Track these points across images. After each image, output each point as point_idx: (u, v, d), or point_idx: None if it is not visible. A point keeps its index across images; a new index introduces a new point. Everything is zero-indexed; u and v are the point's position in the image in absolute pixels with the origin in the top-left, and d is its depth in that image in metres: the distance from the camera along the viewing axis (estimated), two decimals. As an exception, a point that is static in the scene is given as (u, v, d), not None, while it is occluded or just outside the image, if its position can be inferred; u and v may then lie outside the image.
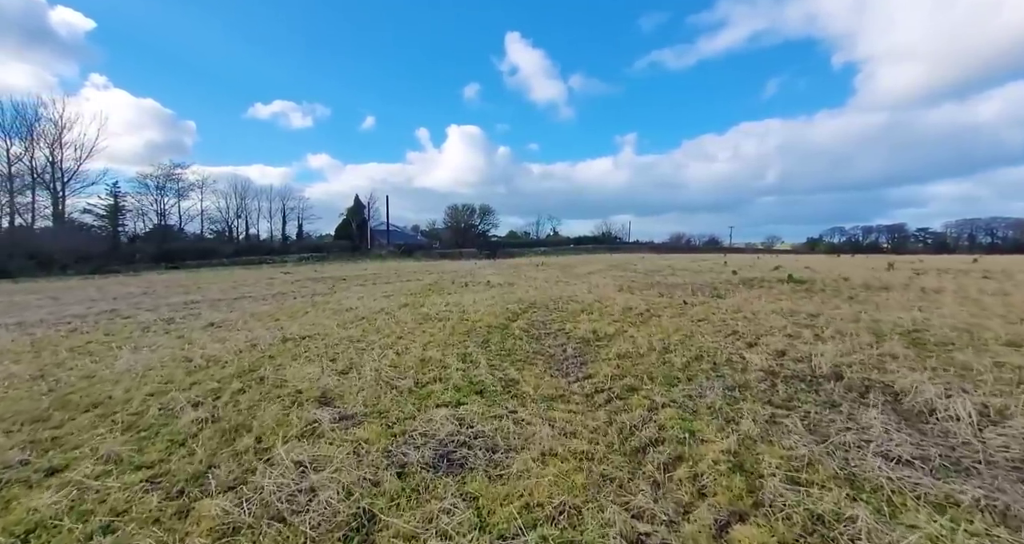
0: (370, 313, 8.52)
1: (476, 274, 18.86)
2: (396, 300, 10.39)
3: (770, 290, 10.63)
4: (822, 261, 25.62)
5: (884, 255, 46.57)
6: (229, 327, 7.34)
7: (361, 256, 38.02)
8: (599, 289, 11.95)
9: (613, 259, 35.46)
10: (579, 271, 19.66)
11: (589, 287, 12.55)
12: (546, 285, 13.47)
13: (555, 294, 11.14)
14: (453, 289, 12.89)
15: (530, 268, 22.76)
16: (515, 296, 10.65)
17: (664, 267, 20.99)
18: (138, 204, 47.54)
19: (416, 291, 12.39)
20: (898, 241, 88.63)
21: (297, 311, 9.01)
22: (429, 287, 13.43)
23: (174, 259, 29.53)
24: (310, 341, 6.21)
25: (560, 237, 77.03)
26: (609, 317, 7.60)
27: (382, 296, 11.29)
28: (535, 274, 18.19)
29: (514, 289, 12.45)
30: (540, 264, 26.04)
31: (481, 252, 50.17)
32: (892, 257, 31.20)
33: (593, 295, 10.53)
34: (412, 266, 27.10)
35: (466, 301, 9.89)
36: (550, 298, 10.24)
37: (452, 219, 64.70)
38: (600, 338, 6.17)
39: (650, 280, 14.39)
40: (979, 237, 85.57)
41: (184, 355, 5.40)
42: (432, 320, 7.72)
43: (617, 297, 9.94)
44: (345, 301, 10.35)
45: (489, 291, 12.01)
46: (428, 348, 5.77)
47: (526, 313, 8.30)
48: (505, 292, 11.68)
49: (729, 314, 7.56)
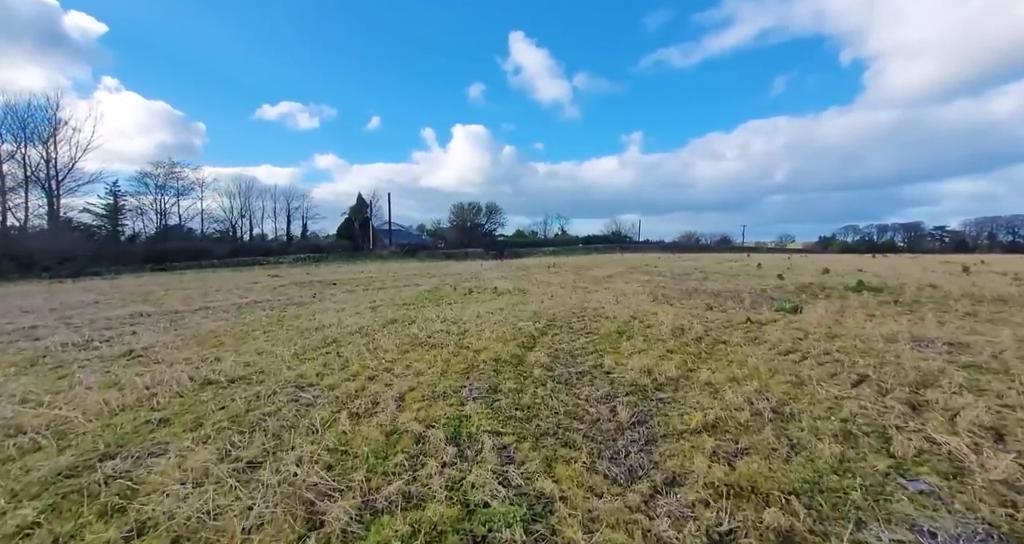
0: (344, 335, 6.61)
1: (482, 277, 16.92)
2: (383, 314, 8.48)
3: (845, 301, 8.55)
4: (871, 263, 23.29)
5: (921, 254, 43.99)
6: (148, 359, 5.47)
7: (362, 257, 36.26)
8: (629, 298, 9.95)
9: (627, 259, 33.36)
10: (596, 274, 17.64)
11: (615, 295, 10.55)
12: (563, 292, 11.49)
13: (576, 305, 9.16)
14: (454, 298, 10.96)
15: (541, 270, 20.78)
16: (528, 309, 8.68)
17: (690, 269, 18.90)
18: (138, 204, 46.46)
19: (410, 301, 10.47)
20: (914, 240, 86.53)
21: (253, 331, 7.12)
22: (427, 295, 11.51)
23: (165, 260, 27.96)
24: (237, 387, 4.30)
25: (568, 236, 74.91)
26: (659, 344, 5.61)
27: (368, 308, 9.38)
28: (547, 277, 16.20)
29: (526, 298, 10.48)
30: (551, 266, 24.03)
31: (487, 252, 48.23)
32: (942, 257, 28.76)
33: (625, 307, 8.53)
34: (413, 268, 25.25)
35: (468, 316, 7.95)
36: (572, 311, 8.26)
37: (457, 218, 62.83)
38: (661, 385, 4.19)
39: (684, 286, 12.33)
40: (999, 235, 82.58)
41: (9, 424, 3.50)
42: (421, 347, 5.79)
43: (657, 311, 7.93)
44: (321, 315, 8.46)
45: (496, 301, 10.06)
46: (405, 404, 3.83)
47: (545, 336, 6.34)
48: (516, 303, 9.72)
49: (824, 340, 5.53)
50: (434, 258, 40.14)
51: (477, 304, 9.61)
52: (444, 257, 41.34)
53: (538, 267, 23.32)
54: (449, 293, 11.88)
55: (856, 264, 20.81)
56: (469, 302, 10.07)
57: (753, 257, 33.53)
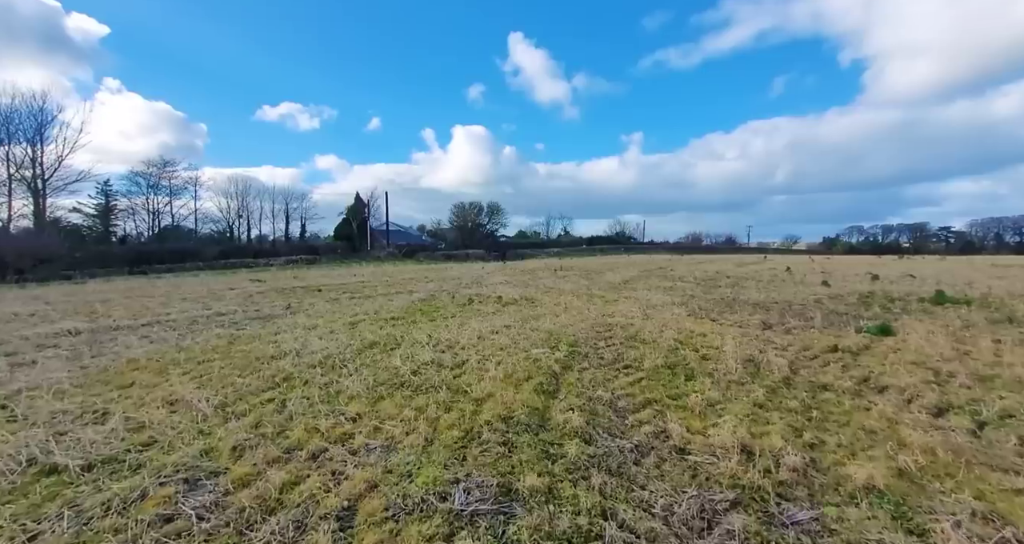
0: (302, 369, 4.98)
1: (484, 283, 15.29)
2: (362, 334, 6.85)
3: (938, 318, 6.88)
4: (910, 266, 21.59)
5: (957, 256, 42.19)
6: (6, 412, 3.84)
7: (358, 258, 34.66)
8: (660, 312, 8.30)
9: (637, 261, 31.71)
10: (610, 279, 16.00)
11: (642, 307, 8.91)
12: (578, 303, 9.85)
13: (598, 320, 7.53)
14: (452, 310, 9.32)
15: (547, 273, 19.15)
16: (541, 326, 7.05)
17: (712, 273, 17.26)
18: (130, 204, 45.02)
19: (399, 314, 8.84)
20: (919, 240, 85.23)
21: (186, 361, 5.51)
22: (420, 307, 9.88)
23: (150, 262, 26.40)
24: (96, 477, 2.67)
25: (572, 237, 73.27)
26: (738, 391, 3.96)
27: (347, 324, 7.76)
28: (557, 283, 14.56)
29: (536, 311, 8.84)
30: (558, 269, 22.38)
31: (489, 253, 46.58)
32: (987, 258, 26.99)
33: (660, 325, 6.89)
34: (410, 271, 23.63)
35: (467, 338, 6.31)
36: (595, 330, 6.63)
37: (459, 218, 61.18)
38: (785, 485, 2.54)
39: (716, 295, 10.68)
40: (1007, 236, 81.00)
41: None
42: (401, 391, 4.16)
43: (705, 331, 6.30)
44: (285, 335, 6.83)
45: (501, 315, 8.42)
46: (355, 528, 2.20)
47: (570, 371, 4.71)
48: (525, 317, 8.09)
49: (977, 384, 3.88)
50: (433, 260, 38.53)
51: (479, 319, 7.97)
52: (444, 259, 39.73)
53: (544, 270, 21.68)
54: (446, 304, 10.25)
55: (893, 267, 19.13)
56: (469, 316, 8.44)
57: (771, 259, 31.85)
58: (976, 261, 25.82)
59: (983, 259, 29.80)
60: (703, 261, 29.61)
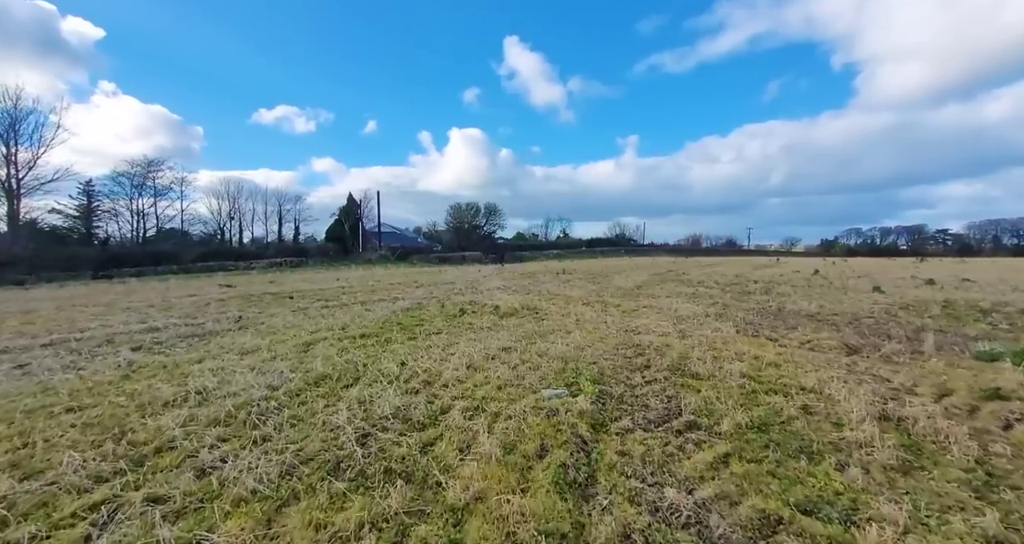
0: (192, 430, 3.27)
1: (480, 288, 13.57)
2: (313, 362, 5.12)
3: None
4: (951, 268, 20.00)
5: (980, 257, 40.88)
6: None
7: (348, 261, 32.85)
8: (698, 327, 6.62)
9: (643, 264, 30.05)
10: (620, 283, 14.29)
11: (672, 320, 7.23)
12: (592, 314, 8.16)
13: (623, 339, 5.84)
14: (439, 324, 7.60)
15: (549, 277, 17.44)
16: (552, 351, 5.34)
17: (732, 277, 15.60)
18: (113, 205, 43.15)
19: (373, 330, 7.12)
20: (917, 242, 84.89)
21: (20, 416, 3.77)
22: (400, 319, 8.17)
23: (122, 265, 24.55)
24: None
25: (571, 239, 71.63)
26: (908, 485, 2.26)
27: (298, 347, 6.03)
28: (562, 288, 12.86)
29: (543, 326, 7.13)
30: (561, 272, 20.69)
31: (486, 256, 44.85)
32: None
33: (708, 348, 5.20)
34: (401, 274, 21.89)
35: (452, 371, 4.59)
36: (625, 357, 4.94)
37: (455, 219, 59.42)
38: None
39: (754, 304, 9.01)
40: (1004, 238, 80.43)
41: None
42: (332, 481, 2.44)
43: (773, 358, 4.60)
44: (203, 366, 5.10)
45: (499, 332, 6.69)
46: None
47: (605, 435, 3.02)
48: (529, 336, 6.38)
49: None
50: (428, 263, 36.79)
51: (471, 336, 6.26)
52: (439, 261, 37.98)
53: (545, 273, 19.98)
54: (433, 315, 8.52)
55: (928, 271, 17.52)
56: (459, 332, 6.72)
57: (784, 261, 30.29)
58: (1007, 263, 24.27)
59: (1007, 261, 28.29)
60: (713, 264, 27.98)
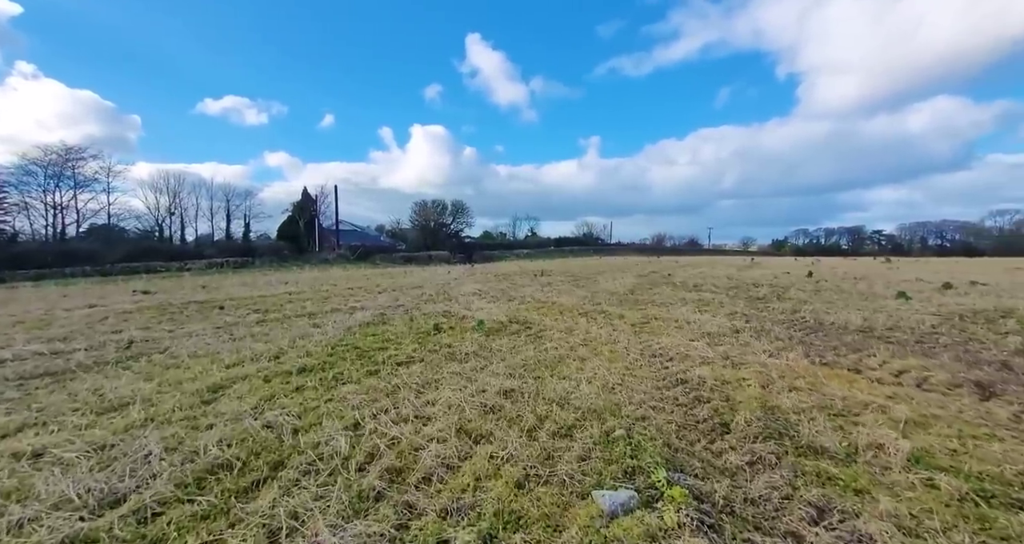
0: None
1: (453, 293, 11.76)
2: (207, 439, 3.24)
3: None
4: (935, 268, 19.98)
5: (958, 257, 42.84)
6: None
7: (302, 261, 29.91)
8: (742, 349, 5.20)
9: (617, 264, 29.08)
10: (608, 287, 12.88)
11: (705, 341, 5.79)
12: (598, 330, 6.62)
13: (660, 373, 4.30)
14: (407, 348, 5.80)
15: (527, 279, 15.85)
16: (578, 401, 3.72)
17: (725, 280, 14.59)
18: (22, 198, 37.66)
19: (315, 361, 5.24)
20: (857, 242, 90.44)
21: None
22: (356, 341, 6.30)
23: (21, 267, 20.75)
24: None
25: (540, 238, 70.60)
26: None
27: (196, 396, 4.11)
28: (547, 293, 11.28)
29: (545, 350, 5.49)
30: (539, 274, 19.16)
31: (454, 255, 42.79)
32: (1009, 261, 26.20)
33: (791, 395, 3.74)
34: (360, 277, 19.64)
35: (434, 453, 2.85)
36: (685, 412, 3.38)
37: (420, 217, 56.67)
38: None
39: (779, 314, 7.79)
40: (929, 239, 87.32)
41: None
42: None
43: (911, 411, 3.18)
44: (6, 450, 3.11)
45: (490, 361, 4.98)
46: None
47: None
48: (531, 367, 4.73)
49: None
50: (392, 263, 34.34)
51: (453, 370, 4.52)
52: (404, 261, 35.59)
53: (521, 275, 18.38)
54: (400, 333, 6.69)
55: (912, 271, 17.31)
56: (437, 361, 4.96)
57: (761, 262, 30.22)
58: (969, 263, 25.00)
59: (975, 261, 29.47)
60: (690, 264, 27.38)
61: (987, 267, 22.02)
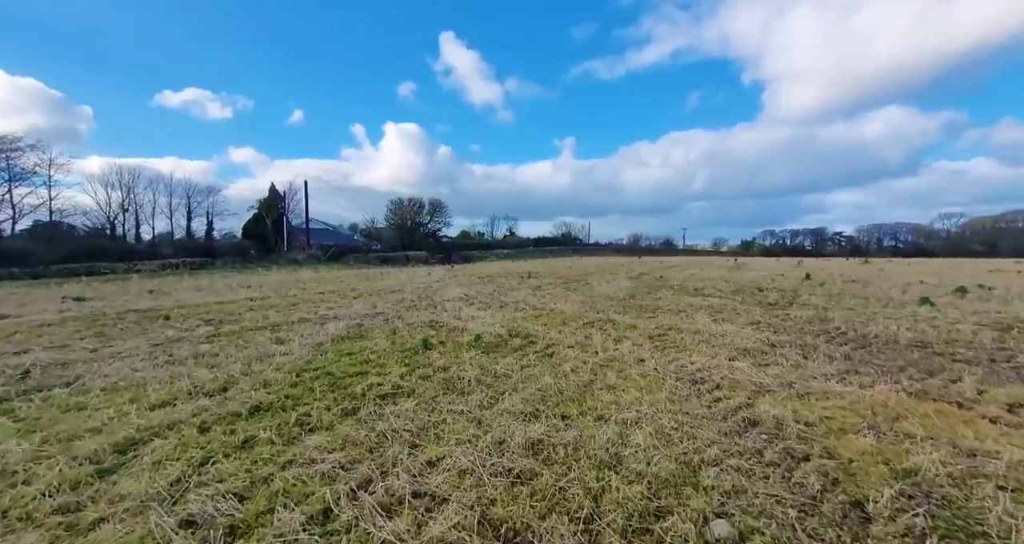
0: None
1: (437, 298, 10.63)
2: None
3: None
4: (931, 268, 20.05)
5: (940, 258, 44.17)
6: None
7: (268, 262, 27.93)
8: (797, 372, 4.35)
9: (604, 264, 28.44)
10: (603, 290, 12.03)
11: (749, 361, 4.93)
12: (620, 349, 5.68)
13: (725, 411, 3.33)
14: (393, 378, 4.70)
15: (515, 282, 14.85)
16: (636, 464, 2.72)
17: (722, 282, 14.00)
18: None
19: (276, 396, 4.09)
20: (820, 243, 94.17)
21: None
22: (327, 367, 5.16)
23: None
24: None
25: (519, 238, 69.85)
26: None
27: (91, 466, 2.91)
28: (541, 298, 10.30)
29: (567, 378, 4.50)
30: (526, 276, 18.19)
31: (432, 255, 41.36)
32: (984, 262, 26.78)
33: (908, 444, 2.87)
34: (332, 279, 18.18)
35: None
36: (790, 483, 2.40)
37: (396, 216, 54.75)
38: None
39: (809, 323, 7.06)
40: (885, 240, 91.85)
41: None
42: None
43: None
44: None
45: (504, 398, 3.95)
46: None
47: None
48: (557, 402, 3.73)
49: None
50: (367, 263, 32.68)
51: (455, 409, 3.47)
52: (379, 262, 33.96)
53: (508, 277, 17.36)
54: (382, 351, 5.55)
55: (905, 273, 17.24)
56: (431, 393, 3.89)
57: (746, 263, 30.21)
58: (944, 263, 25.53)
59: (948, 262, 30.33)
60: (675, 265, 27.00)
61: (972, 268, 22.46)
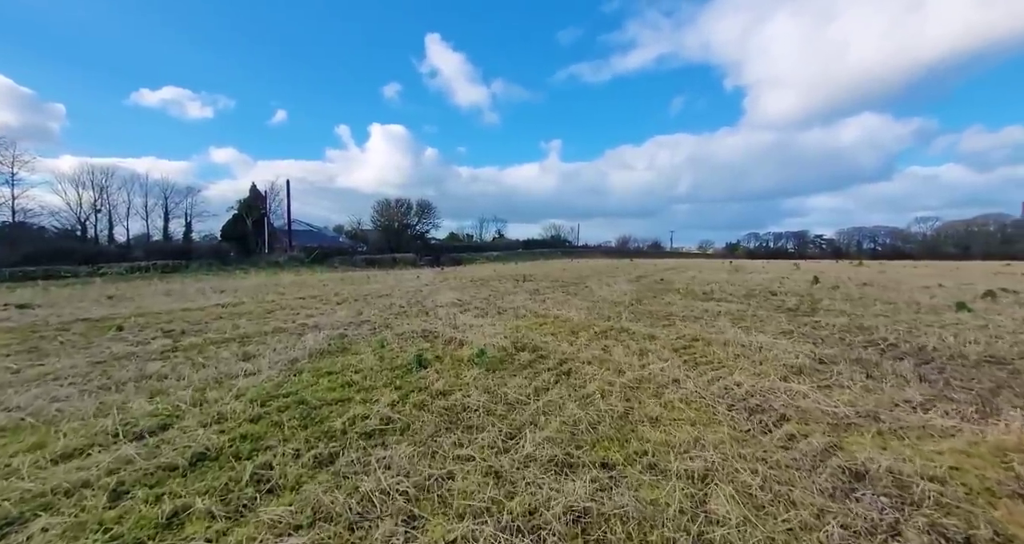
0: None
1: (428, 303, 9.74)
2: None
3: None
4: (928, 272, 19.75)
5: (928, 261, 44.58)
6: None
7: (248, 264, 26.57)
8: (869, 398, 3.60)
9: (597, 267, 27.79)
10: (604, 294, 11.27)
11: (810, 384, 4.19)
12: (648, 366, 4.91)
13: (812, 464, 2.50)
14: (381, 409, 3.83)
15: (509, 285, 14.03)
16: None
17: (728, 285, 13.39)
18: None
19: (233, 436, 3.20)
20: (801, 246, 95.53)
21: None
22: (301, 395, 4.27)
23: None
24: None
25: (509, 240, 68.89)
26: None
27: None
28: (543, 305, 9.50)
29: (594, 407, 3.67)
30: (521, 279, 17.37)
31: (420, 258, 40.24)
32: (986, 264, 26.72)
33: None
34: (315, 283, 17.10)
35: None
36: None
37: (383, 217, 53.41)
38: None
39: (849, 333, 6.38)
40: (864, 243, 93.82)
41: None
42: None
43: None
44: None
45: (521, 439, 3.10)
46: None
47: None
48: (593, 445, 2.89)
49: None
50: (352, 266, 31.49)
51: (462, 453, 2.63)
52: (366, 264, 32.77)
53: (502, 281, 16.52)
54: (369, 371, 4.67)
55: (912, 275, 16.90)
56: (432, 431, 3.04)
57: (744, 266, 29.87)
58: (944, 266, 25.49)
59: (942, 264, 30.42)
60: (671, 267, 26.46)
61: (979, 270, 22.37)
